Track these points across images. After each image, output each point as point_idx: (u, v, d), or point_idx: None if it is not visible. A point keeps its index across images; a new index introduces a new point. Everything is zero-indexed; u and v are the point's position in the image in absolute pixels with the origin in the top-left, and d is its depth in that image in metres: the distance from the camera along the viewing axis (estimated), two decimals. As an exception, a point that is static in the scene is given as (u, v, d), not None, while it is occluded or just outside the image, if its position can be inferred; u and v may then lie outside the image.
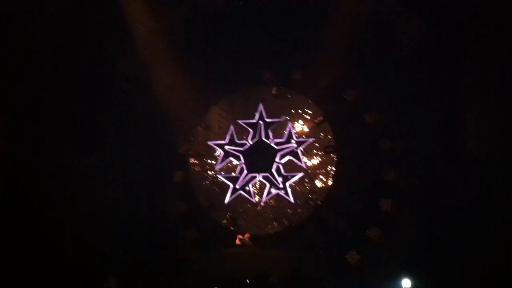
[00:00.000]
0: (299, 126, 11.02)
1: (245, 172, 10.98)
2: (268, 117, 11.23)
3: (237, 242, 9.86)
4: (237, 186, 10.93)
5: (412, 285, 9.51)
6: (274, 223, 10.45)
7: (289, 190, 10.61)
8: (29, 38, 11.25)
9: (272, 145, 10.98)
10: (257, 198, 10.74)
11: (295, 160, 10.78)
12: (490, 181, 9.67)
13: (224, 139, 11.28)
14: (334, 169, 10.58)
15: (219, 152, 11.25)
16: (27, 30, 11.05)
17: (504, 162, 9.62)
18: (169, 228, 11.34)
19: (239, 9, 11.46)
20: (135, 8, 11.04)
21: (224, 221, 10.65)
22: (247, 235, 10.10)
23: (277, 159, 10.86)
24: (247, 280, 9.42)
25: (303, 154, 10.77)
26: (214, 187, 11.02)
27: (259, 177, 10.89)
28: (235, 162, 11.11)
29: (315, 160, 10.70)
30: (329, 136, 10.78)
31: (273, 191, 10.76)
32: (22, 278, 9.83)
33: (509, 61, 9.71)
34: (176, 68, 11.75)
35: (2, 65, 10.92)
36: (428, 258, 9.76)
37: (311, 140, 10.87)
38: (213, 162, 11.20)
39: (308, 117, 11.01)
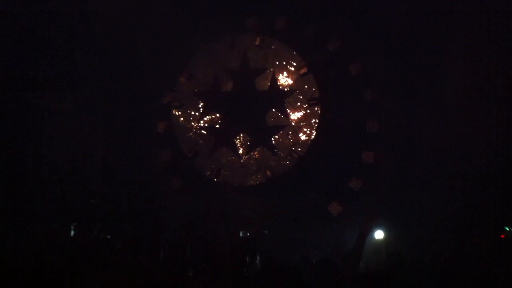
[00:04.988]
0: (283, 78, 10.91)
1: (229, 123, 10.94)
2: (252, 67, 11.05)
3: None
4: (221, 138, 10.91)
5: (384, 237, 9.84)
6: (258, 174, 10.52)
7: (272, 142, 10.65)
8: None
9: (257, 96, 10.89)
10: (241, 150, 10.77)
11: (279, 112, 10.75)
12: (473, 129, 9.84)
13: (208, 89, 11.10)
14: (317, 121, 10.58)
15: (203, 102, 11.12)
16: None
17: (487, 109, 9.77)
18: (152, 177, 11.37)
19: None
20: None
21: (208, 172, 10.70)
22: None
23: (261, 111, 10.82)
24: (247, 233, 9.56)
25: (287, 106, 10.73)
26: (198, 138, 10.99)
27: (243, 129, 10.86)
28: (219, 113, 11.02)
29: (299, 113, 10.70)
30: (313, 88, 10.72)
31: (257, 143, 10.79)
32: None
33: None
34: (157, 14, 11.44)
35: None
36: (404, 211, 10.06)
37: (295, 92, 10.81)
38: (197, 113, 11.09)
39: (292, 69, 10.90)
